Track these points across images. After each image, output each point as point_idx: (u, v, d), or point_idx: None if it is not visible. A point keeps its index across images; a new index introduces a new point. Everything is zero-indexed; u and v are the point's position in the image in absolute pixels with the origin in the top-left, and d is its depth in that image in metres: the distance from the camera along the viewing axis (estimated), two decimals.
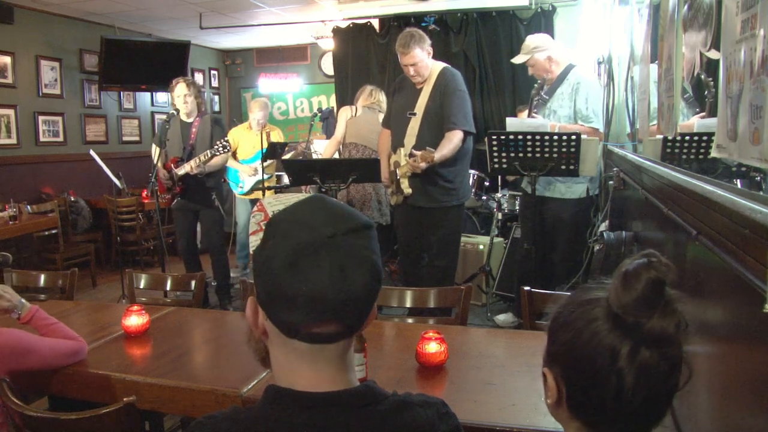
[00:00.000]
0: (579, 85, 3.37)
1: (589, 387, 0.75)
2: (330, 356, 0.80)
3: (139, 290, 2.67)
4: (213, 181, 4.27)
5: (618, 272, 0.75)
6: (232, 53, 8.56)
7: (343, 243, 0.75)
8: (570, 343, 0.77)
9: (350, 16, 6.01)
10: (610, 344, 0.73)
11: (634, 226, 2.41)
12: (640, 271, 0.73)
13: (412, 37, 3.29)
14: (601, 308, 0.75)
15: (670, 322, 0.72)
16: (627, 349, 0.72)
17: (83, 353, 1.74)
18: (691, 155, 1.73)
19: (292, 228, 0.77)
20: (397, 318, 2.38)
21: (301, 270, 0.74)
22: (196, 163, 4.02)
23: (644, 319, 0.72)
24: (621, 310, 0.73)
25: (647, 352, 0.72)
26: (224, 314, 2.85)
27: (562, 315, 0.80)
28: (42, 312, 1.77)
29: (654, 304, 0.72)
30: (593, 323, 0.75)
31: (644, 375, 0.72)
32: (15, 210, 4.43)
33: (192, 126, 4.18)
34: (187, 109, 4.16)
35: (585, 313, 0.77)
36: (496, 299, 4.25)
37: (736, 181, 1.42)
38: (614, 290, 0.74)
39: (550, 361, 0.81)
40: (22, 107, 5.66)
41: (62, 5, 5.66)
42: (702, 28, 1.27)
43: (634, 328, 0.72)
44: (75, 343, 1.72)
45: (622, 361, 0.72)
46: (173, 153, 4.17)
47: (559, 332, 0.80)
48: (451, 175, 3.38)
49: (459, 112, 3.32)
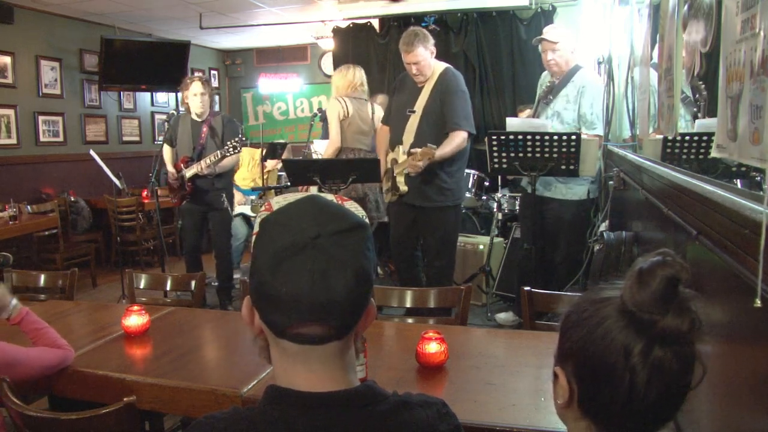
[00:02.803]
0: (584, 88, 3.34)
1: (602, 385, 0.75)
2: (322, 357, 0.79)
3: (139, 290, 2.67)
4: (223, 182, 4.24)
5: (633, 270, 0.75)
6: (232, 53, 8.56)
7: (328, 244, 0.75)
8: (583, 340, 0.77)
9: (350, 16, 6.01)
10: (624, 342, 0.73)
11: (634, 226, 2.41)
12: (655, 268, 0.73)
13: (416, 36, 3.30)
14: (614, 306, 0.76)
15: (685, 320, 0.72)
16: (640, 347, 0.72)
17: (69, 361, 1.69)
18: (691, 155, 1.74)
19: (278, 229, 0.77)
20: (397, 318, 2.38)
21: (283, 271, 0.74)
22: (207, 164, 3.98)
23: (658, 317, 0.72)
24: (636, 307, 0.73)
25: (660, 351, 0.72)
26: (224, 314, 2.85)
27: (575, 313, 0.80)
28: (32, 315, 1.73)
29: (668, 302, 0.72)
30: (606, 321, 0.75)
31: (657, 373, 0.72)
32: (15, 210, 4.43)
33: (203, 125, 4.13)
34: (201, 108, 4.09)
35: (598, 311, 0.77)
36: (496, 299, 4.25)
37: (736, 181, 1.42)
38: (629, 288, 0.74)
39: (562, 359, 0.81)
40: (22, 107, 5.66)
41: (62, 5, 5.66)
42: (702, 28, 1.27)
43: (648, 325, 0.72)
44: (62, 352, 1.68)
45: (635, 358, 0.72)
46: (183, 152, 4.14)
47: (571, 330, 0.80)
48: (448, 175, 3.38)
49: (462, 113, 3.33)
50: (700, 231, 1.03)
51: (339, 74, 4.15)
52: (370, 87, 6.19)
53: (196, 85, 4.06)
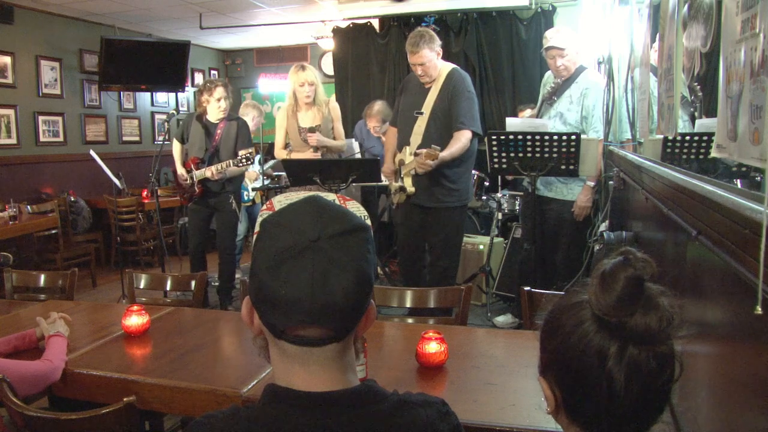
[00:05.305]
0: (588, 90, 3.33)
1: (583, 390, 0.75)
2: (321, 359, 0.79)
3: (139, 290, 2.67)
4: (233, 185, 4.24)
5: (596, 274, 0.75)
6: (232, 53, 8.56)
7: (328, 247, 0.75)
8: (559, 349, 0.77)
9: (350, 16, 6.01)
10: (598, 346, 0.73)
11: (634, 226, 2.41)
12: (617, 270, 0.73)
13: (422, 37, 3.32)
14: (586, 311, 0.75)
15: (653, 317, 0.72)
16: (614, 350, 0.72)
17: (52, 376, 1.64)
18: (691, 155, 1.74)
19: (278, 230, 0.77)
20: (397, 318, 2.38)
21: (283, 274, 0.74)
22: (218, 170, 3.98)
23: (626, 318, 0.72)
24: (602, 311, 0.73)
25: (635, 350, 0.72)
26: (224, 314, 2.85)
27: (550, 322, 0.80)
28: (56, 338, 1.76)
29: (634, 302, 0.72)
30: (580, 327, 0.75)
31: (634, 373, 0.72)
32: (15, 210, 4.43)
33: (217, 127, 4.11)
34: (223, 114, 4.08)
35: (571, 318, 0.77)
36: (496, 299, 4.25)
37: (736, 181, 1.42)
38: (594, 293, 0.74)
39: (543, 369, 0.82)
40: (22, 107, 5.66)
41: (62, 5, 5.66)
42: (701, 28, 1.27)
43: (618, 328, 0.72)
44: (44, 366, 1.63)
45: (611, 361, 0.72)
46: (194, 153, 4.13)
47: (548, 340, 0.80)
48: (455, 176, 3.41)
49: (468, 113, 3.35)
50: (700, 231, 1.03)
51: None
52: (371, 87, 6.22)
53: (219, 91, 4.04)
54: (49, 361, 1.65)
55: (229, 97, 4.12)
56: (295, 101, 4.07)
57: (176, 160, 4.26)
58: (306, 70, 3.99)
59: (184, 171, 4.14)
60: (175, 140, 4.27)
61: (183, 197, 4.29)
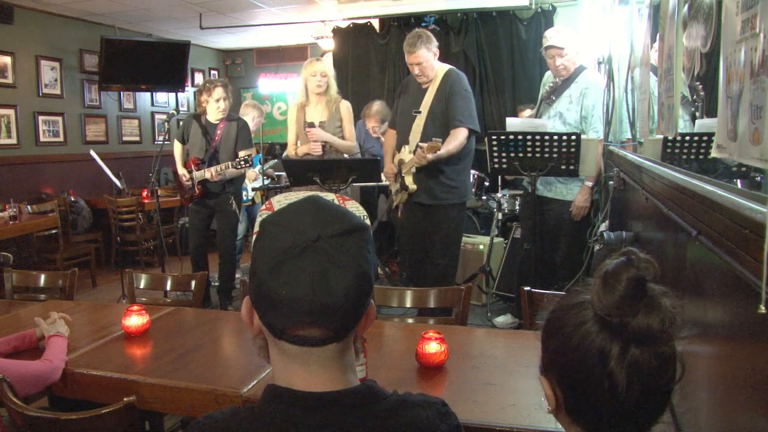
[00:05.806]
0: (587, 90, 3.33)
1: (584, 390, 0.75)
2: (321, 359, 0.79)
3: (139, 290, 2.67)
4: (233, 186, 4.25)
5: (598, 274, 0.75)
6: (232, 53, 8.56)
7: (328, 247, 0.75)
8: (561, 348, 0.77)
9: (350, 16, 6.02)
10: (600, 346, 0.73)
11: (634, 226, 2.41)
12: (619, 270, 0.73)
13: (419, 38, 3.35)
14: (588, 311, 0.75)
15: (655, 318, 0.71)
16: (616, 350, 0.72)
17: (52, 376, 1.65)
18: (691, 155, 1.74)
19: (278, 230, 0.77)
20: (397, 318, 2.38)
21: (283, 274, 0.74)
22: (217, 171, 3.99)
23: (629, 318, 0.71)
24: (604, 311, 0.73)
25: (637, 351, 0.72)
26: (224, 314, 2.85)
27: (551, 322, 0.80)
28: (56, 338, 1.76)
29: (637, 303, 0.72)
30: (581, 327, 0.75)
31: (636, 373, 0.72)
32: (15, 210, 4.43)
33: (217, 128, 4.11)
34: (223, 114, 4.09)
35: (573, 318, 0.77)
36: (496, 299, 4.25)
37: (736, 181, 1.42)
38: (596, 293, 0.74)
39: (544, 369, 0.82)
40: (22, 107, 5.67)
41: (62, 5, 5.66)
42: (702, 28, 1.27)
43: (620, 328, 0.72)
44: (43, 366, 1.63)
45: (613, 361, 0.72)
46: (194, 153, 4.13)
47: (550, 339, 0.80)
48: (454, 173, 3.44)
49: (464, 111, 3.38)
50: (700, 231, 1.03)
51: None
52: (371, 87, 6.23)
53: (219, 91, 4.04)
54: (49, 361, 1.65)
55: (229, 97, 4.12)
56: (306, 96, 4.03)
57: (177, 160, 4.27)
58: (321, 61, 3.99)
59: (186, 171, 4.14)
60: (176, 141, 4.28)
61: (183, 198, 4.29)
